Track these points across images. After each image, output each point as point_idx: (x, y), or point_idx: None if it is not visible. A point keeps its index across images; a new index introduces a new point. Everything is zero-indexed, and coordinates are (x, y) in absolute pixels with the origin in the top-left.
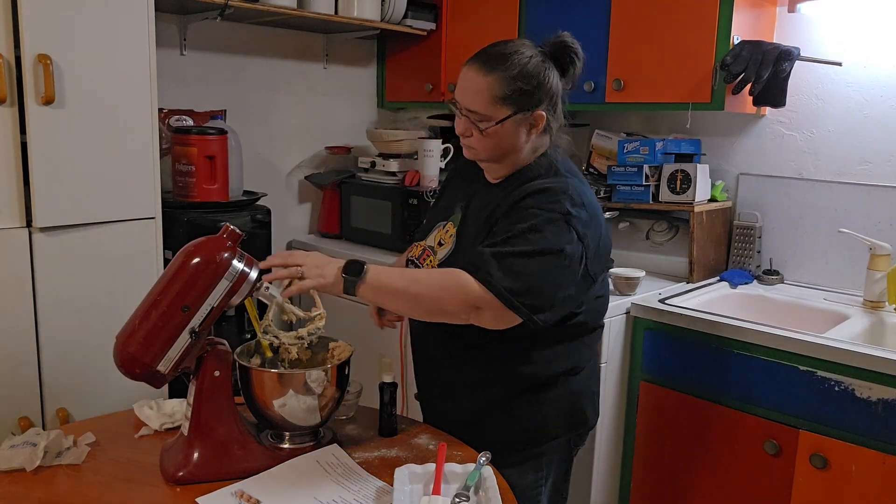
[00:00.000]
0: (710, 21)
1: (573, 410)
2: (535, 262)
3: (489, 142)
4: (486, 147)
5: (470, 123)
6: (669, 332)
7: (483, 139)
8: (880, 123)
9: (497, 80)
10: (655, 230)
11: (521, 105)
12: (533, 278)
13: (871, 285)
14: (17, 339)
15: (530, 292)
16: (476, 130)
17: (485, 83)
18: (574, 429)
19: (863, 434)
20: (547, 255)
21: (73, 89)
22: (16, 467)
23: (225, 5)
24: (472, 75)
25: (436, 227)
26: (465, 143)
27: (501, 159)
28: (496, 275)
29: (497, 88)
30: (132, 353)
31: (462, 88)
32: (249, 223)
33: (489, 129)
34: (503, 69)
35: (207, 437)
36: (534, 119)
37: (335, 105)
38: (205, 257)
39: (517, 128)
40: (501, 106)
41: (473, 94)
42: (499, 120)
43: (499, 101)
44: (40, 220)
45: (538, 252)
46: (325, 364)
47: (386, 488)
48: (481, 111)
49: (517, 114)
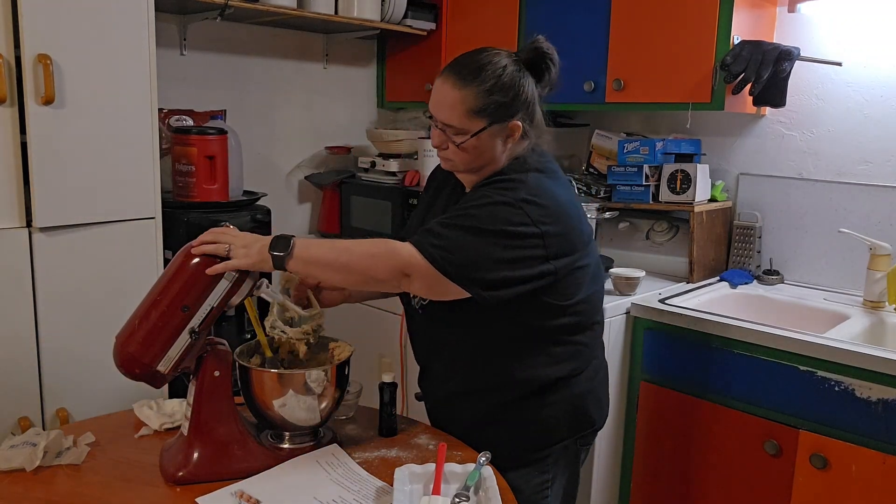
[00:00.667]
0: (710, 21)
1: (576, 412)
2: (476, 238)
3: (465, 155)
4: (464, 160)
5: (446, 136)
6: (669, 332)
7: (459, 152)
8: (880, 123)
9: (471, 94)
10: (655, 230)
11: (497, 117)
12: (471, 251)
13: (871, 285)
14: (17, 338)
15: (469, 265)
16: (452, 143)
17: (459, 96)
18: (578, 431)
19: (863, 434)
20: (489, 232)
21: (73, 89)
22: (16, 467)
23: (225, 5)
24: (446, 89)
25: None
26: (441, 156)
27: (479, 171)
28: (429, 240)
29: (471, 101)
30: (132, 353)
31: (436, 102)
32: (249, 223)
33: (464, 143)
34: (477, 82)
35: (207, 437)
36: (510, 129)
37: (335, 105)
38: (205, 257)
39: (493, 139)
40: (476, 118)
41: (448, 107)
42: (474, 133)
43: (473, 114)
44: (40, 220)
45: (480, 229)
46: (325, 364)
47: (386, 488)
48: (456, 125)
49: (492, 125)
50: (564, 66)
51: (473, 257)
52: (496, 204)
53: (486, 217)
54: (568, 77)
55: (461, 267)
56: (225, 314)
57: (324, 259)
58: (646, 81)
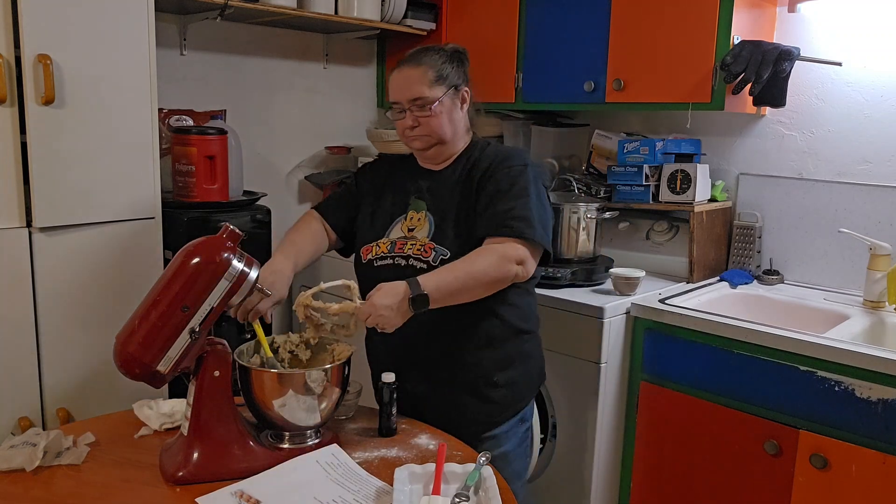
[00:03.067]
0: (710, 21)
1: (541, 359)
2: (536, 206)
3: (437, 121)
4: (436, 127)
5: (417, 112)
6: (669, 332)
7: (431, 121)
8: (880, 123)
9: (428, 68)
10: (655, 230)
11: (451, 82)
12: (541, 218)
13: (871, 285)
14: (17, 339)
15: (545, 229)
16: (424, 115)
17: (419, 72)
18: (542, 375)
19: (863, 434)
20: (538, 200)
21: (73, 89)
22: (15, 467)
23: (225, 5)
24: (406, 72)
25: (394, 223)
26: (413, 136)
27: (448, 139)
28: (521, 226)
29: (431, 73)
30: (132, 353)
31: (400, 87)
32: (249, 223)
33: (435, 108)
34: (429, 59)
35: (207, 437)
36: (462, 95)
37: (335, 105)
38: (205, 257)
39: (453, 103)
40: (437, 85)
41: (413, 84)
42: (440, 97)
43: (433, 83)
44: (40, 220)
45: (533, 198)
46: (325, 364)
47: (386, 488)
48: (426, 94)
49: (450, 90)
50: (564, 65)
51: (545, 221)
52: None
53: (531, 189)
54: (568, 77)
55: (543, 231)
56: (225, 314)
57: (455, 291)
58: (646, 81)
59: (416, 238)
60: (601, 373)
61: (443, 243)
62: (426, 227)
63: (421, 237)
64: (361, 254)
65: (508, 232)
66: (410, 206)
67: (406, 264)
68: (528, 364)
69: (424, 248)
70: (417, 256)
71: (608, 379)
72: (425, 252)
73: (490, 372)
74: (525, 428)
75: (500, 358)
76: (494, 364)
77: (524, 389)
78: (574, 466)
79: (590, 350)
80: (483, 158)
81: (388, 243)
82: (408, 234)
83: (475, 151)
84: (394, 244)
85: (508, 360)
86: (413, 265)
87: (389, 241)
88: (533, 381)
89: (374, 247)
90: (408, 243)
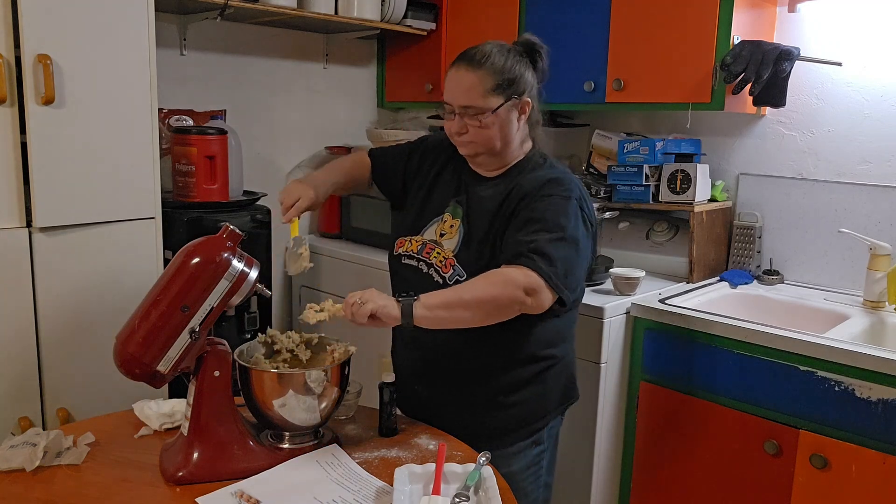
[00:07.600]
0: (710, 21)
1: (567, 384)
2: (566, 247)
3: (487, 133)
4: (486, 138)
5: (467, 119)
6: (669, 332)
7: (481, 131)
8: (880, 123)
9: (486, 74)
10: (655, 230)
11: (510, 93)
12: (567, 262)
13: (871, 285)
14: (17, 339)
15: (567, 275)
16: (474, 125)
17: (476, 78)
18: (566, 402)
19: (863, 434)
20: (573, 241)
21: (73, 89)
22: (16, 467)
23: (225, 5)
24: (461, 74)
25: (431, 223)
26: (461, 142)
27: (499, 151)
28: (538, 261)
29: (487, 81)
30: (132, 353)
31: (453, 89)
32: (249, 223)
33: (486, 120)
34: (489, 64)
35: (207, 437)
36: (522, 105)
37: (335, 105)
38: (205, 257)
39: (509, 114)
40: (493, 95)
41: (466, 90)
42: (494, 109)
43: (490, 92)
44: (40, 220)
45: (568, 239)
46: (325, 364)
47: (386, 488)
48: (477, 104)
49: (508, 101)
50: (564, 65)
51: (570, 270)
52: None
53: (568, 227)
54: (568, 77)
55: (564, 278)
56: (225, 314)
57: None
58: (646, 81)
59: (443, 247)
60: (601, 373)
61: (464, 261)
62: (455, 239)
63: (447, 248)
64: (395, 244)
65: (525, 262)
66: (449, 209)
67: (427, 272)
68: (545, 386)
69: (446, 262)
70: (438, 269)
71: (608, 379)
72: (445, 268)
73: (496, 393)
74: (538, 451)
75: (510, 382)
76: (502, 386)
77: (537, 410)
78: (574, 466)
79: (590, 350)
80: (528, 181)
81: (420, 243)
82: (438, 240)
83: (526, 168)
84: (423, 246)
85: (521, 382)
86: (432, 275)
87: (421, 242)
88: (550, 404)
89: (407, 242)
90: (435, 250)
